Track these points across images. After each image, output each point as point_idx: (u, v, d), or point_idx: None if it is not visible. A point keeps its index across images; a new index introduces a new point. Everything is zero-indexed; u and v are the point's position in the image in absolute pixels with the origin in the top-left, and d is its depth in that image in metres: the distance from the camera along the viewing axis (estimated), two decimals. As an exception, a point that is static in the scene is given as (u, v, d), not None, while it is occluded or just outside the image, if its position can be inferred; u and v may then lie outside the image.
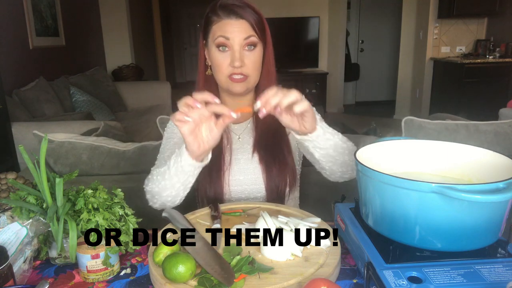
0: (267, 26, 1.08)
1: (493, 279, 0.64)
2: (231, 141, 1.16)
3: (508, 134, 1.65)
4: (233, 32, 1.01)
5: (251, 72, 1.05)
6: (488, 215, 0.67)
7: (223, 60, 1.03)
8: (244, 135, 1.17)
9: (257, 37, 1.04)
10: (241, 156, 1.15)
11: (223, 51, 1.03)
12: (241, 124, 1.19)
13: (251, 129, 1.17)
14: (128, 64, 5.51)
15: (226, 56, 1.03)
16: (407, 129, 1.70)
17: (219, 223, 0.90)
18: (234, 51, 1.02)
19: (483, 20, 5.25)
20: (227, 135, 1.16)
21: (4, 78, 2.69)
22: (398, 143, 0.89)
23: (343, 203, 0.94)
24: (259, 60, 1.07)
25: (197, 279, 0.70)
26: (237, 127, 1.18)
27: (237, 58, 1.01)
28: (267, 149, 1.13)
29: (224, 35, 1.01)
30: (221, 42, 1.02)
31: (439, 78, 5.24)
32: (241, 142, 1.17)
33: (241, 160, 1.15)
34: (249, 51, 1.03)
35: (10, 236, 0.80)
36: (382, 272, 0.65)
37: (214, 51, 1.04)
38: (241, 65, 1.02)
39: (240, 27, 1.01)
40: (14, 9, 3.35)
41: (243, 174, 1.13)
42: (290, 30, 5.98)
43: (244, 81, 1.05)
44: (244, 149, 1.16)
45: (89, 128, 2.18)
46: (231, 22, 1.02)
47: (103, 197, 0.86)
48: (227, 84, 1.06)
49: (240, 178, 1.13)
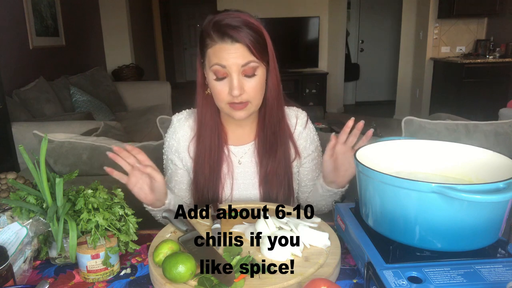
0: (269, 41, 0.99)
1: (493, 279, 0.64)
2: (232, 167, 1.11)
3: (508, 134, 1.65)
4: (229, 59, 0.93)
5: (252, 98, 0.99)
6: (488, 215, 0.67)
7: (222, 88, 0.97)
8: (245, 159, 1.12)
9: (257, 60, 0.96)
10: (242, 181, 1.12)
11: (221, 80, 0.96)
12: (242, 147, 1.12)
13: (253, 153, 1.12)
14: (128, 64, 5.51)
15: (224, 84, 0.96)
16: (407, 129, 1.70)
17: (219, 223, 0.90)
18: (232, 79, 0.95)
19: (483, 20, 5.25)
20: (228, 162, 1.10)
21: (4, 78, 2.69)
22: (398, 143, 0.89)
23: (343, 203, 0.94)
24: (261, 83, 0.99)
25: (197, 279, 0.70)
26: (237, 150, 1.12)
27: (235, 87, 0.94)
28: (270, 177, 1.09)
29: (220, 63, 0.94)
30: (217, 70, 0.95)
31: (439, 78, 5.24)
32: (242, 166, 1.12)
33: (241, 185, 1.12)
34: (249, 77, 0.97)
35: (10, 236, 0.80)
36: (382, 272, 0.65)
37: (211, 78, 0.98)
38: (240, 93, 0.95)
39: (236, 53, 0.93)
40: (14, 9, 3.35)
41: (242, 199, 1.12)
42: (290, 30, 5.97)
43: (245, 108, 0.99)
44: (245, 174, 1.12)
45: (89, 128, 2.18)
46: (226, 47, 0.93)
47: (103, 197, 0.86)
48: (227, 111, 1.01)
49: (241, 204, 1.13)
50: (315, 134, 1.19)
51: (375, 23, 7.05)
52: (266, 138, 1.08)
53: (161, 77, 7.72)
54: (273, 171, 1.09)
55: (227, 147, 1.11)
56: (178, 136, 1.12)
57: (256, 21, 0.97)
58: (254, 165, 1.12)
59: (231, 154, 1.12)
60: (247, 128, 1.12)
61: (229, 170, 1.10)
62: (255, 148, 1.12)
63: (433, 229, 0.68)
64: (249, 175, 1.12)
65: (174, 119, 1.14)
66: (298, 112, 1.17)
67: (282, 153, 1.09)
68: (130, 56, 5.67)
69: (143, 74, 5.64)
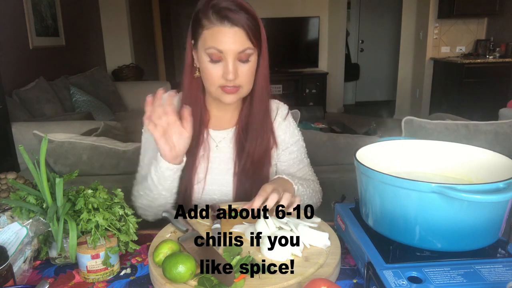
0: (262, 28, 0.99)
1: (493, 279, 0.64)
2: (208, 150, 1.10)
3: (508, 134, 1.65)
4: (227, 43, 0.93)
5: (244, 83, 1.00)
6: (488, 215, 0.67)
7: (215, 72, 0.97)
8: (223, 144, 1.12)
9: (253, 48, 0.96)
10: (217, 165, 1.11)
11: (215, 63, 0.96)
12: (221, 132, 1.12)
13: (232, 139, 1.12)
14: (128, 64, 5.51)
15: (218, 67, 0.96)
16: (407, 129, 1.70)
17: (219, 223, 0.90)
18: (227, 63, 0.95)
19: (483, 20, 5.25)
20: (205, 144, 1.10)
21: (4, 78, 2.68)
22: (398, 143, 0.89)
23: (343, 203, 0.94)
24: (253, 69, 1.01)
25: (197, 279, 0.70)
26: (216, 134, 1.12)
27: (230, 71, 0.95)
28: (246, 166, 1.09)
29: (217, 47, 0.94)
30: (212, 54, 0.95)
31: (439, 78, 5.24)
32: (218, 151, 1.12)
33: (216, 170, 1.11)
34: (244, 62, 0.97)
35: (10, 236, 0.80)
36: (382, 272, 0.65)
37: (205, 60, 0.97)
38: (235, 77, 0.96)
39: (234, 38, 0.93)
40: (14, 9, 3.35)
41: (215, 184, 1.11)
42: (290, 30, 5.98)
43: (236, 92, 1.00)
44: (221, 159, 1.11)
45: (89, 128, 2.18)
46: (224, 30, 0.93)
47: (103, 197, 0.86)
48: (218, 94, 1.00)
49: (213, 187, 1.11)
50: (296, 128, 1.19)
51: (375, 23, 7.06)
52: (251, 124, 1.09)
53: (161, 77, 7.71)
54: (257, 159, 1.09)
55: (207, 130, 1.11)
56: None
57: (250, 6, 0.97)
58: (230, 151, 1.11)
59: (210, 138, 1.12)
60: (229, 114, 1.13)
61: (205, 153, 1.10)
62: (234, 134, 1.12)
63: (433, 229, 0.68)
64: (225, 160, 1.11)
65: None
66: (280, 104, 1.18)
67: (266, 141, 1.10)
68: (130, 56, 5.67)
69: (143, 74, 5.64)
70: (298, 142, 1.19)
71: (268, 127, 1.11)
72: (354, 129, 3.46)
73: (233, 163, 1.11)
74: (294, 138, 1.17)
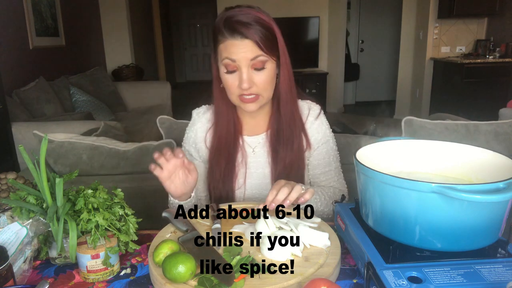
0: (279, 36, 1.03)
1: (493, 279, 0.64)
2: (246, 156, 1.14)
3: (508, 134, 1.65)
4: (239, 53, 0.97)
5: (262, 91, 1.02)
6: (488, 215, 0.67)
7: (232, 82, 1.01)
8: (258, 149, 1.15)
9: (266, 55, 0.99)
10: (255, 170, 1.14)
11: (231, 73, 1.01)
12: (256, 137, 1.16)
13: (266, 143, 1.15)
14: (128, 64, 5.51)
15: (235, 78, 1.01)
16: (407, 129, 1.70)
17: (219, 223, 0.90)
18: (241, 73, 0.99)
19: (483, 20, 5.25)
20: (242, 151, 1.14)
21: (4, 78, 2.69)
22: (398, 143, 0.89)
23: (343, 203, 0.94)
24: (270, 77, 1.03)
25: (197, 279, 0.70)
26: (251, 140, 1.16)
27: (244, 80, 0.99)
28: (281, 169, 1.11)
29: (230, 57, 0.98)
30: (227, 64, 1.00)
31: (439, 78, 5.24)
32: (255, 156, 1.15)
33: (254, 174, 1.14)
34: (259, 70, 1.00)
35: (10, 236, 0.80)
36: (382, 272, 0.65)
37: (223, 72, 1.02)
38: (249, 86, 0.99)
39: (245, 48, 0.97)
40: (14, 9, 3.35)
41: (256, 189, 1.14)
42: (290, 30, 5.97)
43: (255, 101, 1.03)
44: (258, 163, 1.14)
45: (89, 128, 2.18)
46: (235, 43, 0.97)
47: (103, 197, 0.86)
48: (238, 103, 1.05)
49: (253, 192, 1.14)
50: (328, 129, 1.20)
51: (375, 23, 7.05)
52: (280, 129, 1.11)
53: (161, 77, 7.71)
54: (289, 163, 1.11)
55: (242, 137, 1.15)
56: (196, 128, 1.17)
57: (267, 17, 1.01)
58: (266, 155, 1.15)
59: (245, 144, 1.16)
60: (260, 119, 1.16)
61: (243, 159, 1.14)
62: (267, 138, 1.15)
63: (433, 229, 0.68)
64: (262, 164, 1.15)
65: (193, 113, 1.20)
66: (312, 105, 1.19)
67: (297, 144, 1.12)
68: (130, 56, 5.67)
69: (143, 74, 5.64)
70: (328, 143, 1.18)
71: (298, 129, 1.13)
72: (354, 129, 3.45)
73: (269, 167, 1.14)
74: (326, 138, 1.18)
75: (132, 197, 1.15)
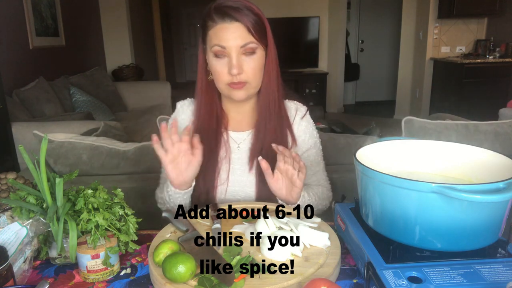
0: (269, 27, 1.02)
1: (493, 279, 0.64)
2: (229, 151, 1.12)
3: (508, 134, 1.65)
4: (229, 39, 0.96)
5: (251, 79, 1.01)
6: (488, 215, 0.67)
7: (221, 68, 1.00)
8: (244, 145, 1.14)
9: (256, 42, 0.99)
10: (239, 166, 1.12)
11: (221, 59, 0.99)
12: (242, 133, 1.15)
13: (252, 139, 1.13)
14: (128, 64, 5.51)
15: (224, 64, 0.99)
16: (407, 129, 1.70)
17: (219, 223, 0.90)
18: (231, 59, 0.98)
19: (483, 20, 5.25)
20: (226, 146, 1.12)
21: (4, 78, 2.68)
22: (398, 143, 0.89)
23: (343, 203, 0.94)
24: (260, 65, 1.02)
25: (197, 279, 0.70)
26: (237, 136, 1.15)
27: (234, 65, 0.97)
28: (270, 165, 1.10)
29: (220, 44, 0.97)
30: (217, 51, 0.98)
31: (439, 78, 5.24)
32: (240, 152, 1.13)
33: (238, 171, 1.12)
34: (248, 56, 0.99)
35: (10, 236, 0.80)
36: (382, 272, 0.65)
37: (212, 58, 1.01)
38: (239, 72, 0.98)
39: (235, 33, 0.96)
40: (14, 9, 3.35)
41: (238, 185, 1.12)
42: (290, 30, 5.98)
43: (244, 87, 1.02)
44: (242, 161, 1.13)
45: (89, 128, 2.18)
46: (225, 27, 0.96)
47: (103, 197, 0.86)
48: (227, 91, 1.04)
49: (236, 188, 1.12)
50: (315, 130, 1.20)
51: (375, 23, 7.05)
52: (267, 126, 1.10)
53: (161, 77, 7.71)
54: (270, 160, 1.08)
55: (227, 132, 1.14)
56: (180, 120, 1.16)
57: (257, 8, 1.01)
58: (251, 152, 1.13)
59: (230, 139, 1.14)
60: (246, 115, 1.15)
61: (227, 154, 1.12)
62: (253, 135, 1.13)
63: (433, 229, 0.68)
64: (246, 161, 1.13)
65: (178, 105, 1.19)
66: (298, 106, 1.19)
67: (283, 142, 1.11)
68: (130, 56, 5.67)
69: (143, 74, 5.64)
70: (316, 144, 1.19)
71: (285, 126, 1.12)
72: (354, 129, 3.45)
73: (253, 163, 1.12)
74: (313, 140, 1.18)
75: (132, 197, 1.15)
